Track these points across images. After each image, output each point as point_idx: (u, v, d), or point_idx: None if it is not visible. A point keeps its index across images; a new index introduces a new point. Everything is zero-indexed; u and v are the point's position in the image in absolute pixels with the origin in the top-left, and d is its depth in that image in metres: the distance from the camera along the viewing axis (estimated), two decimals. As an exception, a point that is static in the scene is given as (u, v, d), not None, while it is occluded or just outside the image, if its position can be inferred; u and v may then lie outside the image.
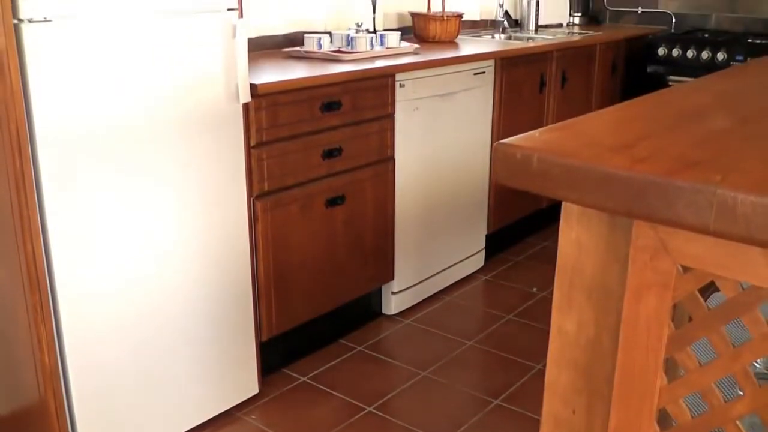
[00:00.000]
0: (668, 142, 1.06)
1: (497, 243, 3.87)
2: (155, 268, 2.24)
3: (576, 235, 1.10)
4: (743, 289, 0.98)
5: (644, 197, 0.92)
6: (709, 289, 1.18)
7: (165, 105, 2.17)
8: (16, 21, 1.85)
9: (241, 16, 2.37)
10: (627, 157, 0.97)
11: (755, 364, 1.42)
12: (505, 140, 1.02)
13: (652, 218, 0.93)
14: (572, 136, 1.09)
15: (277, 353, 2.79)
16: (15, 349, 2.15)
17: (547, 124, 3.89)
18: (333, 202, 2.77)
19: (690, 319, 1.04)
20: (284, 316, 2.70)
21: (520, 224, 4.00)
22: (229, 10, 2.30)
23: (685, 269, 1.00)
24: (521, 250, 3.99)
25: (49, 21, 1.89)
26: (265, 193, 2.54)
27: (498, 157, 1.02)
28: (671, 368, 1.06)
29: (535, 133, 1.09)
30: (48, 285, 2.02)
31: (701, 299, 1.02)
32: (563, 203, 1.08)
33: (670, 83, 4.28)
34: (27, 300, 2.01)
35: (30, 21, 1.86)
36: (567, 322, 1.18)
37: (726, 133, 1.15)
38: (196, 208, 2.31)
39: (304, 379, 2.79)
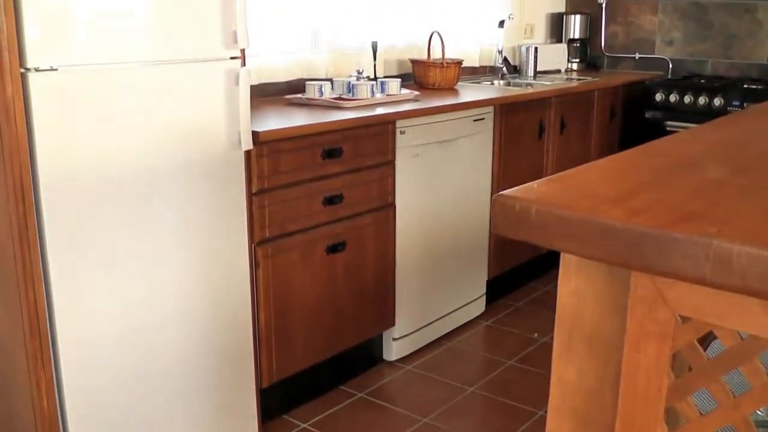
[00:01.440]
0: (664, 193, 1.08)
1: (498, 288, 3.87)
2: (156, 315, 2.24)
3: (575, 285, 1.11)
4: (742, 338, 0.99)
5: (641, 249, 0.93)
6: (708, 338, 1.18)
7: (167, 152, 2.19)
8: (23, 70, 1.88)
9: (244, 65, 2.41)
10: (624, 209, 0.98)
11: (757, 411, 1.42)
12: (504, 192, 1.04)
13: (650, 269, 0.94)
14: (570, 187, 1.10)
15: (277, 399, 2.77)
16: (14, 395, 2.14)
17: (546, 170, 3.93)
18: (334, 248, 2.78)
19: (690, 369, 1.04)
20: (285, 363, 2.70)
21: (521, 269, 4.00)
22: (232, 58, 2.34)
23: (684, 319, 1.00)
24: (522, 295, 3.99)
25: (55, 70, 1.92)
26: (267, 239, 2.55)
27: (497, 209, 1.03)
28: (672, 418, 1.07)
29: (534, 184, 1.11)
30: (48, 332, 2.02)
31: (700, 349, 1.02)
32: (562, 254, 1.09)
33: (668, 128, 4.32)
34: (27, 346, 2.01)
35: (37, 70, 1.89)
36: (567, 371, 1.18)
37: (722, 183, 1.17)
38: (198, 255, 2.32)
39: (305, 425, 2.77)
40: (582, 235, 0.97)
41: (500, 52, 4.44)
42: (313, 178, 2.66)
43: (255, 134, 2.41)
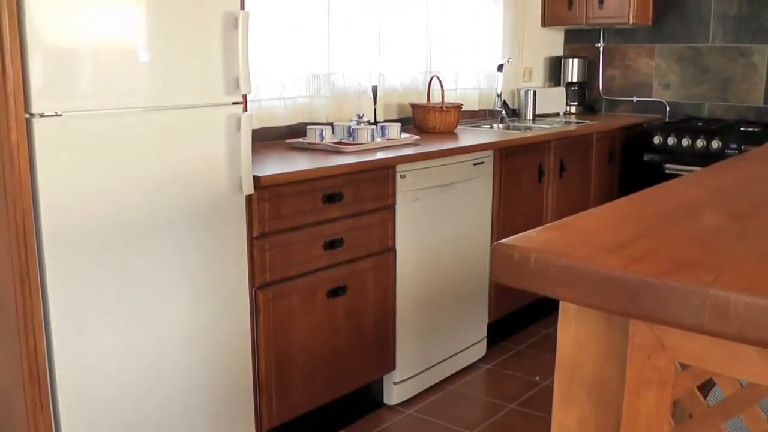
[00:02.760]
0: (662, 241, 1.09)
1: (499, 331, 3.86)
2: (156, 360, 2.24)
3: (574, 333, 1.12)
4: (742, 386, 0.99)
5: (639, 297, 0.94)
6: (708, 384, 1.18)
7: (169, 196, 2.21)
8: (27, 115, 1.90)
9: (246, 110, 2.43)
10: (622, 258, 0.99)
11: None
12: (503, 241, 1.05)
13: (648, 318, 0.95)
14: (569, 235, 1.12)
15: (277, 445, 2.76)
16: (13, 442, 2.13)
17: (546, 214, 3.94)
18: (334, 292, 2.78)
19: (690, 416, 1.05)
20: (285, 407, 2.68)
21: (522, 312, 4.00)
22: (234, 103, 2.37)
23: (684, 366, 1.01)
24: (523, 339, 3.98)
25: (60, 115, 1.95)
26: (267, 283, 2.56)
27: (496, 257, 1.05)
28: (673, 466, 1.06)
29: (533, 232, 1.12)
30: (48, 378, 2.02)
31: (700, 396, 1.03)
32: (561, 301, 1.10)
33: (667, 171, 4.35)
34: (26, 392, 2.01)
35: (41, 115, 1.92)
36: (568, 418, 1.18)
37: (718, 230, 1.18)
38: (199, 299, 2.32)
39: (305, 471, 2.74)
40: (580, 284, 0.98)
41: (499, 95, 4.49)
42: (314, 223, 2.68)
43: (256, 179, 2.43)
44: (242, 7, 2.39)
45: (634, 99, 5.12)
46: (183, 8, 2.19)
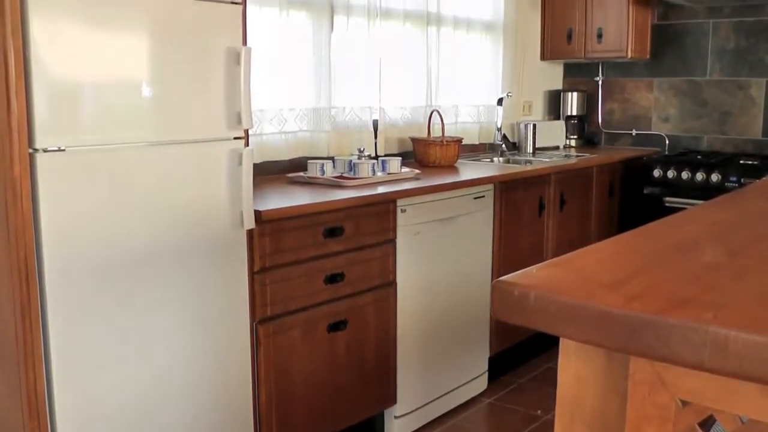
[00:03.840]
0: (661, 277, 1.09)
1: (500, 365, 3.85)
2: (156, 393, 2.23)
3: (575, 369, 1.12)
4: (743, 422, 0.99)
5: (639, 334, 0.94)
6: (709, 420, 1.18)
7: (170, 230, 2.22)
8: (31, 150, 1.92)
9: (247, 145, 2.45)
10: (621, 295, 1.00)
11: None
12: (503, 278, 1.06)
13: (648, 355, 0.95)
14: (568, 272, 1.12)
15: (277, 481, 2.73)
16: (12, 478, 2.12)
17: (546, 248, 3.94)
18: (335, 326, 2.78)
19: (691, 453, 1.04)
20: (285, 442, 2.67)
21: (523, 346, 3.98)
22: (236, 138, 2.39)
23: (684, 403, 1.01)
24: (525, 372, 3.96)
25: (63, 150, 1.96)
26: (268, 317, 2.56)
27: (496, 294, 1.05)
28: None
29: (533, 269, 1.13)
30: (47, 411, 2.01)
31: (701, 433, 1.03)
32: (561, 338, 1.10)
33: (667, 204, 4.36)
34: (25, 426, 2.00)
35: (45, 150, 1.93)
36: (569, 455, 1.18)
37: (717, 266, 1.19)
38: (199, 333, 2.32)
39: (305, 508, 2.72)
40: (580, 321, 0.98)
41: (499, 129, 4.51)
42: (315, 257, 2.68)
43: (257, 213, 2.44)
44: (244, 42, 2.42)
45: (634, 132, 5.15)
46: (185, 44, 2.22)
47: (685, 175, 4.33)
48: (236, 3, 2.36)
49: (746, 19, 4.62)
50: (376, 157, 3.51)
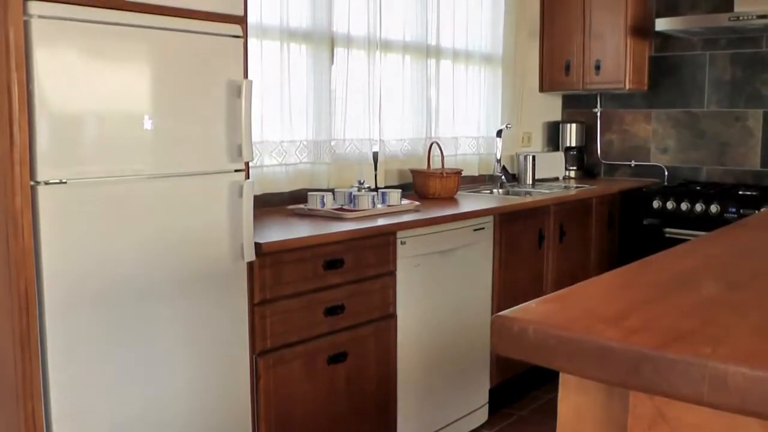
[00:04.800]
0: (660, 311, 1.10)
1: (501, 397, 3.83)
2: (156, 426, 2.22)
3: (574, 403, 1.12)
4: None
5: (638, 369, 0.94)
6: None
7: (171, 263, 2.22)
8: (32, 183, 1.93)
9: (248, 177, 2.46)
10: (620, 329, 1.00)
11: None
12: (503, 312, 1.06)
13: (647, 389, 0.95)
14: (568, 306, 1.13)
15: None
16: None
17: (546, 279, 3.94)
18: (335, 359, 2.77)
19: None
20: (285, 476, 2.65)
21: (524, 377, 3.97)
22: (236, 171, 2.40)
23: (684, 438, 1.01)
24: (526, 404, 3.94)
25: (64, 183, 1.97)
26: (268, 350, 2.55)
27: (495, 329, 1.06)
28: None
29: (532, 303, 1.13)
30: (46, 445, 2.00)
31: (702, 468, 1.02)
32: (561, 372, 1.10)
33: (666, 235, 4.36)
34: (24, 460, 1.99)
35: (46, 183, 1.94)
36: (570, 490, 1.17)
37: (716, 300, 1.19)
38: (199, 365, 2.32)
39: None
40: (580, 356, 0.98)
41: (499, 160, 4.53)
42: (315, 289, 2.68)
43: (258, 246, 2.45)
44: (245, 75, 2.44)
45: (633, 163, 5.17)
46: (187, 77, 2.24)
47: (684, 206, 4.34)
48: (237, 36, 2.38)
49: (742, 51, 4.66)
50: (376, 189, 3.53)
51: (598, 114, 5.27)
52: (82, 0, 2.00)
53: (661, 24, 4.50)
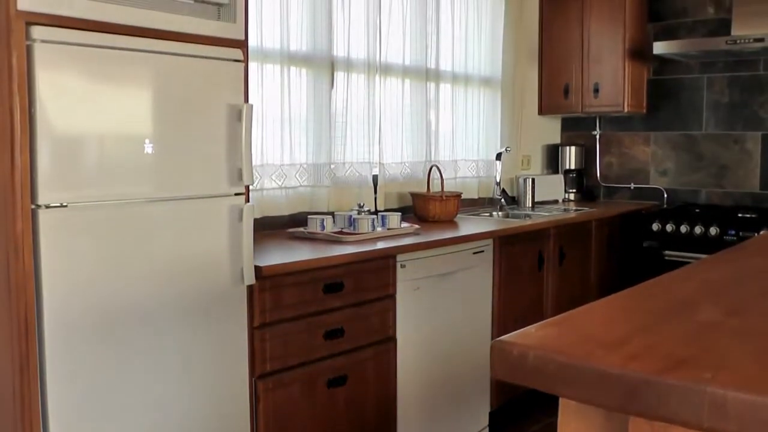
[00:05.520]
0: (659, 337, 1.10)
1: (501, 420, 3.81)
2: (155, 453, 2.21)
3: (574, 428, 1.12)
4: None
5: (637, 395, 0.94)
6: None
7: (170, 286, 2.22)
8: (33, 206, 1.93)
9: (248, 201, 2.47)
10: (620, 355, 1.00)
11: None
12: (502, 338, 1.06)
13: (647, 415, 0.95)
14: (567, 331, 1.13)
15: None
16: None
17: (546, 303, 3.94)
18: (335, 382, 2.77)
19: None
20: (284, 501, 2.64)
21: (524, 399, 3.95)
22: (236, 194, 2.41)
23: (685, 463, 1.00)
24: (526, 427, 3.92)
25: (65, 206, 1.98)
26: (267, 373, 2.55)
27: (495, 354, 1.06)
28: None
29: (532, 328, 1.13)
30: (45, 470, 1.99)
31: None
32: (561, 397, 1.10)
33: (666, 258, 4.36)
34: (22, 486, 1.98)
35: (47, 207, 1.95)
36: None
37: (715, 326, 1.19)
38: (199, 388, 2.31)
39: None
40: (579, 381, 0.98)
41: (498, 183, 4.54)
42: (315, 312, 2.68)
43: (258, 269, 2.45)
44: (246, 99, 2.45)
45: (632, 186, 5.18)
46: (188, 101, 2.25)
47: (683, 228, 4.34)
48: (238, 61, 2.40)
49: (740, 74, 4.69)
50: (376, 212, 3.53)
51: (597, 137, 5.29)
52: (84, 25, 2.01)
53: (659, 47, 4.53)
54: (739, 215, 4.33)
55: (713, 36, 4.64)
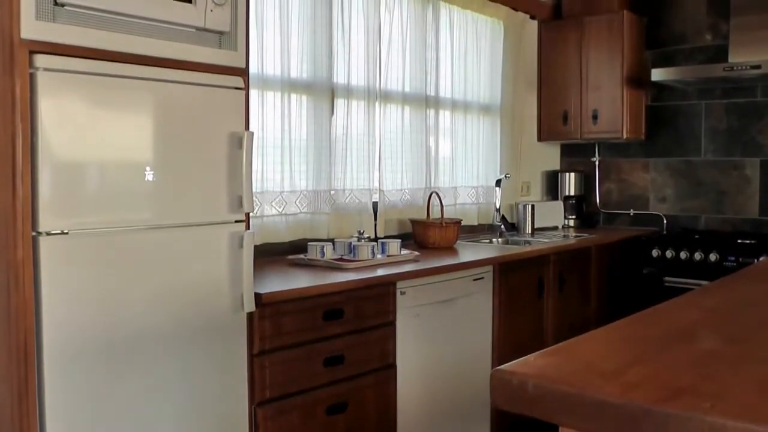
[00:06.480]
0: (659, 366, 1.10)
1: (501, 447, 3.79)
2: (153, 481, 2.20)
3: (575, 457, 1.11)
4: None
5: (637, 424, 0.94)
6: None
7: (170, 312, 2.22)
8: (34, 233, 1.94)
9: (248, 228, 2.47)
10: (619, 384, 1.00)
11: None
12: (502, 367, 1.06)
13: (647, 445, 0.95)
14: (567, 360, 1.13)
15: None
16: None
17: (547, 329, 3.93)
18: (335, 409, 2.75)
19: None
20: None
21: (524, 427, 3.93)
22: (236, 221, 2.41)
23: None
24: (526, 455, 3.89)
25: (66, 234, 1.98)
26: (267, 400, 2.54)
27: (495, 383, 1.06)
28: None
29: (531, 357, 1.13)
30: (43, 500, 1.98)
31: None
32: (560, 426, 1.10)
33: (666, 284, 4.36)
34: None
35: (48, 234, 1.95)
36: None
37: (714, 354, 1.19)
38: (198, 415, 2.30)
39: None
40: (578, 410, 0.98)
41: (498, 210, 4.54)
42: (314, 339, 2.68)
43: (258, 296, 2.45)
44: (247, 127, 2.46)
45: (632, 212, 5.19)
46: (188, 128, 2.26)
47: (683, 254, 4.35)
48: (239, 89, 2.41)
49: (737, 100, 4.72)
50: (376, 239, 3.54)
51: (597, 163, 5.31)
52: (87, 53, 2.03)
53: (657, 74, 4.56)
54: (739, 241, 4.34)
55: (711, 62, 4.67)
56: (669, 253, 4.41)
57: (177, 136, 2.24)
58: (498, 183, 4.53)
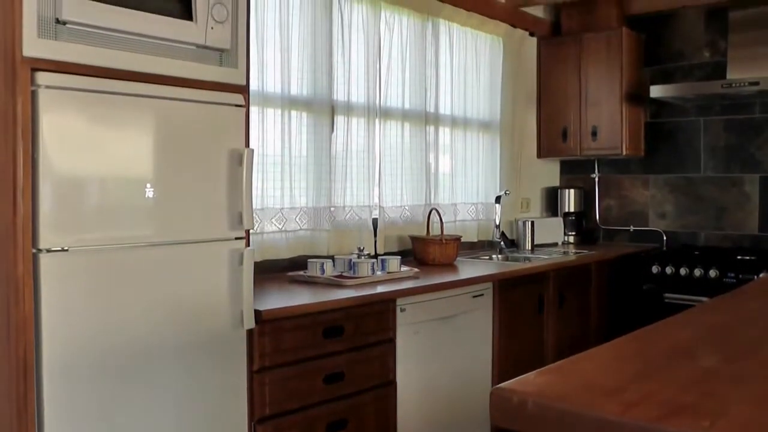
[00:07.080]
0: (658, 384, 1.10)
1: (502, 465, 3.77)
2: (152, 499, 2.19)
3: (575, 476, 1.11)
4: None
5: (637, 443, 0.94)
6: None
7: (170, 329, 2.22)
8: (34, 250, 1.94)
9: (248, 245, 2.47)
10: (619, 402, 1.00)
11: None
12: (501, 385, 1.06)
13: (647, 463, 0.95)
14: (566, 378, 1.13)
15: None
16: None
17: (547, 346, 3.92)
18: (334, 426, 2.75)
19: None
20: None
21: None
22: (237, 238, 2.42)
23: None
24: (527, 473, 3.88)
25: (66, 251, 1.99)
26: (266, 417, 2.53)
27: (494, 401, 1.06)
28: None
29: (531, 375, 1.13)
30: None
31: None
32: (561, 444, 1.10)
33: (666, 300, 4.36)
34: None
35: (48, 251, 1.96)
36: None
37: (714, 372, 1.19)
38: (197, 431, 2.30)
39: None
40: (578, 429, 0.98)
41: (498, 226, 4.55)
42: (314, 356, 2.67)
43: (257, 313, 2.45)
44: (247, 144, 2.47)
45: (631, 228, 5.19)
46: (189, 145, 2.27)
47: (683, 271, 4.35)
48: (240, 106, 2.42)
49: (736, 116, 4.73)
50: (376, 255, 3.53)
51: (596, 179, 5.31)
52: (88, 70, 2.04)
53: (656, 91, 4.57)
54: (738, 257, 4.34)
55: (709, 79, 4.69)
56: (669, 270, 4.41)
57: (177, 153, 2.25)
58: (498, 199, 4.53)
